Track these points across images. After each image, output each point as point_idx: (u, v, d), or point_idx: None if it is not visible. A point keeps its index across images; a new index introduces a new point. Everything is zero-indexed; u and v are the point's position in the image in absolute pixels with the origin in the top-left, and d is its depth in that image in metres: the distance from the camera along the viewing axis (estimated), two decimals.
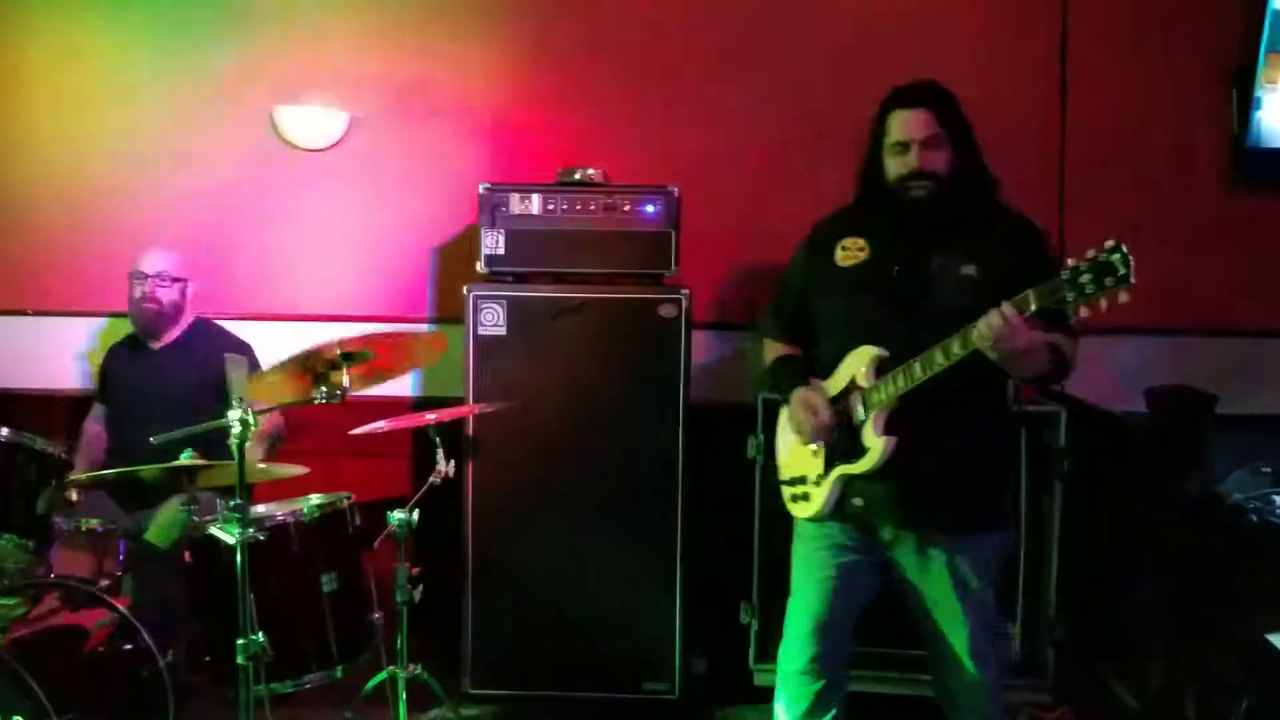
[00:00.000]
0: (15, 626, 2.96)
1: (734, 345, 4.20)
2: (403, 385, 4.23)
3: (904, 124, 2.57)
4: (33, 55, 4.32)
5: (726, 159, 4.16)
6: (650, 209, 3.68)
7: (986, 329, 2.30)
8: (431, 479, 3.27)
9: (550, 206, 3.70)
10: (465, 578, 3.68)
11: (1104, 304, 2.18)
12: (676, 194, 3.68)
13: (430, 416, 3.27)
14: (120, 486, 3.56)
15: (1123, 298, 2.16)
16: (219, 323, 4.02)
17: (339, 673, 3.27)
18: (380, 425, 3.28)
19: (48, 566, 3.22)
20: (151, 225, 4.22)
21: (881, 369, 2.54)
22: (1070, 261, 2.21)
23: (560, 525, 3.65)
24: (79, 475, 3.32)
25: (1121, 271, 2.14)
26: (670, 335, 3.60)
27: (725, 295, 4.17)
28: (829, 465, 2.65)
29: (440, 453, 3.28)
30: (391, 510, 3.23)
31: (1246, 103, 4.00)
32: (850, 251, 2.66)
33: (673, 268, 3.67)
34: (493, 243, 3.70)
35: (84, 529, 3.32)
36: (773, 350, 2.90)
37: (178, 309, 3.87)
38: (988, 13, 4.11)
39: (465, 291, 3.66)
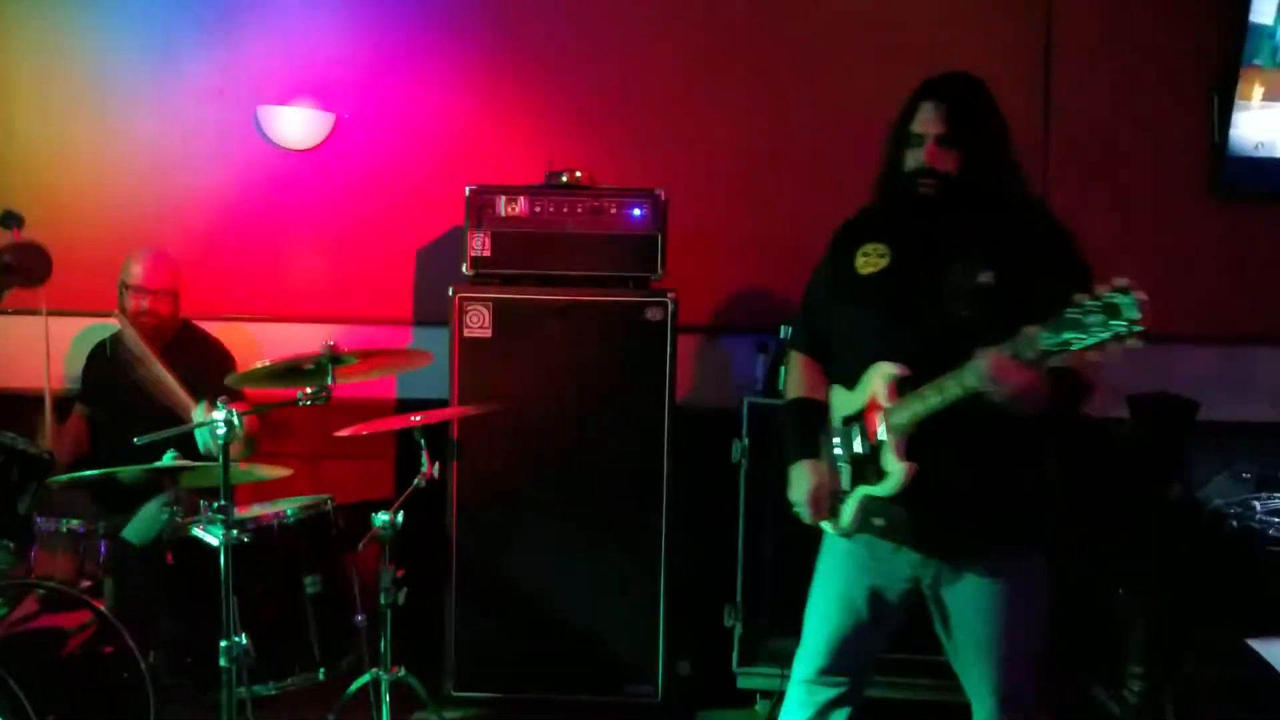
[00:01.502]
0: None
1: (720, 349, 4.20)
2: (387, 387, 4.22)
3: (922, 116, 2.44)
4: (16, 57, 4.29)
5: (714, 161, 4.17)
6: (637, 212, 3.68)
7: (981, 371, 2.21)
8: (416, 481, 3.26)
9: (537, 209, 3.69)
10: (449, 580, 3.67)
11: (1111, 350, 2.01)
12: (663, 197, 3.68)
13: (415, 419, 3.26)
14: (102, 488, 3.53)
15: (1131, 343, 1.99)
16: (202, 325, 4.00)
17: (322, 675, 3.27)
18: (365, 427, 3.28)
19: (28, 567, 3.19)
20: (135, 226, 4.19)
21: (902, 387, 2.41)
22: (1078, 296, 2.05)
23: (544, 528, 3.64)
24: (61, 476, 3.29)
25: (1135, 315, 1.97)
26: (656, 338, 3.60)
27: (712, 299, 4.18)
28: (853, 482, 2.52)
29: (425, 455, 3.28)
30: (375, 512, 3.22)
31: (1227, 111, 4.03)
32: (871, 258, 2.52)
33: (659, 271, 3.68)
34: (479, 245, 3.69)
35: (65, 530, 3.29)
36: (796, 369, 2.72)
37: (175, 320, 3.87)
38: (972, 20, 4.12)
39: (451, 293, 3.65)
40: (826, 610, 2.62)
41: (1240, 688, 2.87)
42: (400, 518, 3.21)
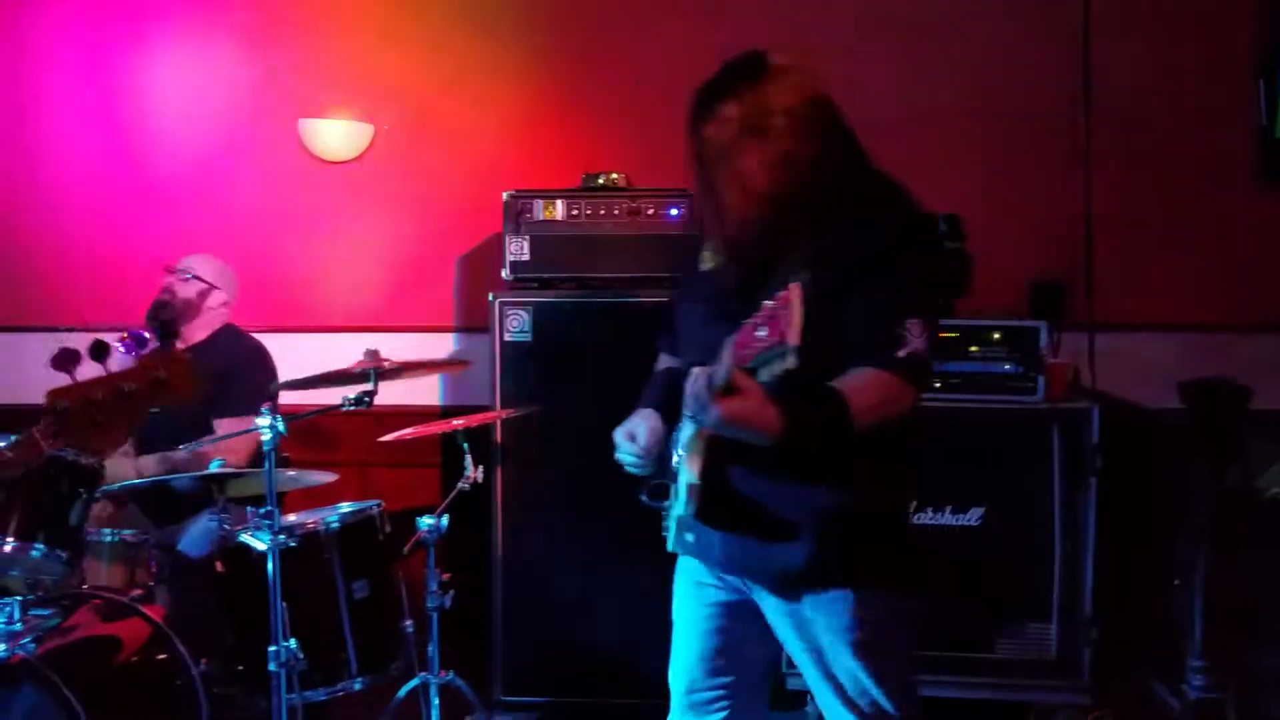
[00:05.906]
0: (49, 637, 2.97)
1: None
2: (431, 394, 4.24)
3: (711, 124, 2.24)
4: (57, 68, 4.37)
5: None
6: (674, 212, 3.67)
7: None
8: (460, 485, 3.27)
9: (574, 212, 3.70)
10: (495, 584, 3.67)
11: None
12: None
13: (457, 422, 3.28)
14: (150, 497, 3.56)
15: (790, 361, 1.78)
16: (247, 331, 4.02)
17: (371, 680, 3.27)
18: (408, 432, 3.29)
19: (81, 578, 3.23)
20: (176, 239, 4.24)
21: None
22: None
23: (589, 530, 3.64)
24: (110, 486, 3.32)
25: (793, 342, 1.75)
26: None
27: None
28: (674, 500, 2.27)
29: (468, 459, 3.29)
30: (421, 517, 3.23)
31: (1274, 94, 3.95)
32: (706, 259, 2.31)
33: None
34: (517, 249, 3.70)
35: (117, 540, 3.33)
36: (660, 364, 2.58)
37: (190, 307, 3.79)
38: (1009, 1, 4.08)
39: (491, 299, 3.66)
40: (678, 639, 2.41)
41: None
42: (445, 521, 3.22)
